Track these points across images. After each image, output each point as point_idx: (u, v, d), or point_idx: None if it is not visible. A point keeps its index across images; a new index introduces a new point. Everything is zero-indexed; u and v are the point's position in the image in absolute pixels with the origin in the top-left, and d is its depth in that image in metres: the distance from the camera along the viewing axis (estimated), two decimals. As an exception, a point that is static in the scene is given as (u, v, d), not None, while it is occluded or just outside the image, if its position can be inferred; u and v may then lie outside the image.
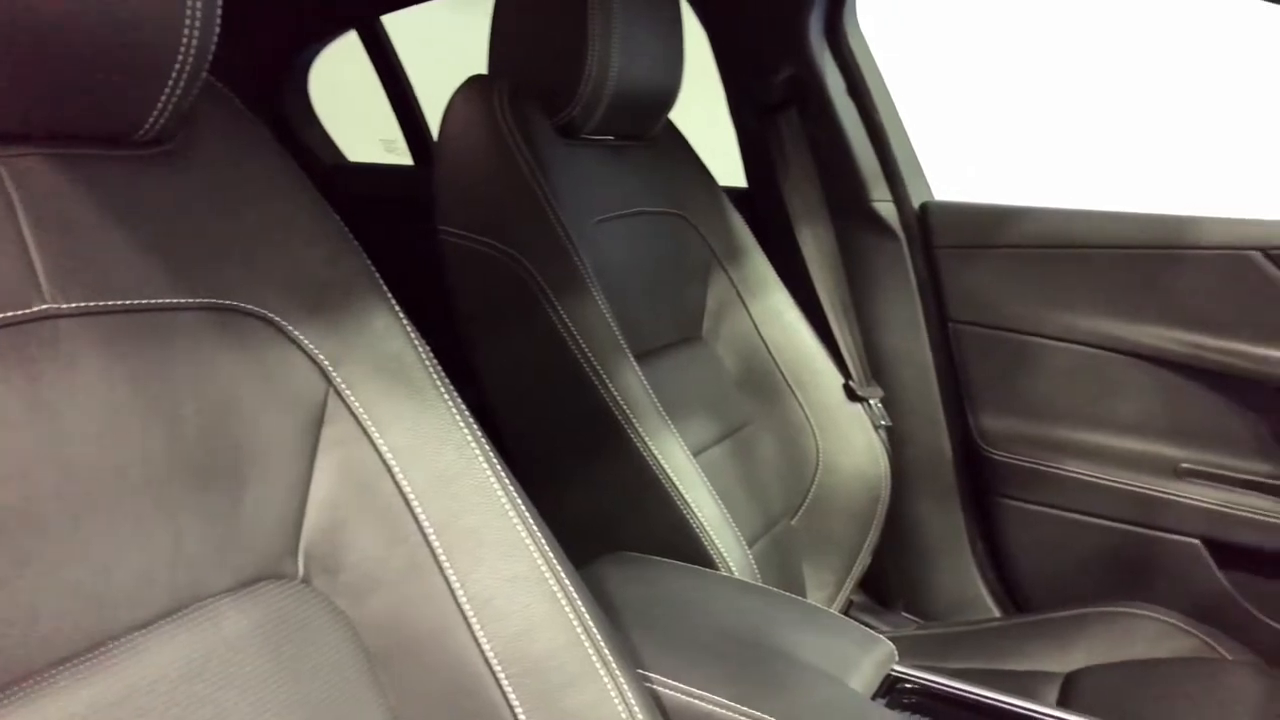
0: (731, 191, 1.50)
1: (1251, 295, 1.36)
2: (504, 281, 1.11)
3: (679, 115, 1.40)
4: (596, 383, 1.08)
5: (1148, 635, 1.33)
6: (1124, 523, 1.49)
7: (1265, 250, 1.34)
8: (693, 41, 1.36)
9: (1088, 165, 2.62)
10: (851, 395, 1.46)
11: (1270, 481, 1.40)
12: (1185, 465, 1.45)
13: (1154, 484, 1.46)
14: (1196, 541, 1.44)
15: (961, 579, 1.63)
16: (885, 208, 1.57)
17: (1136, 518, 1.47)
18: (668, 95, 1.32)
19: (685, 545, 1.07)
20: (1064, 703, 1.20)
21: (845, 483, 1.44)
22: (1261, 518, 1.39)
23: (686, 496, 1.07)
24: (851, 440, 1.44)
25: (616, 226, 1.27)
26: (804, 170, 1.56)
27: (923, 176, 1.61)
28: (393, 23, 2.09)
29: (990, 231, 1.53)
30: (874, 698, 0.91)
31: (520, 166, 1.12)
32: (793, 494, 1.42)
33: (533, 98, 1.19)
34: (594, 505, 1.11)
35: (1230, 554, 1.42)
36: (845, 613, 1.55)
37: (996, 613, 1.61)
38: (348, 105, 2.30)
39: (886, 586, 1.67)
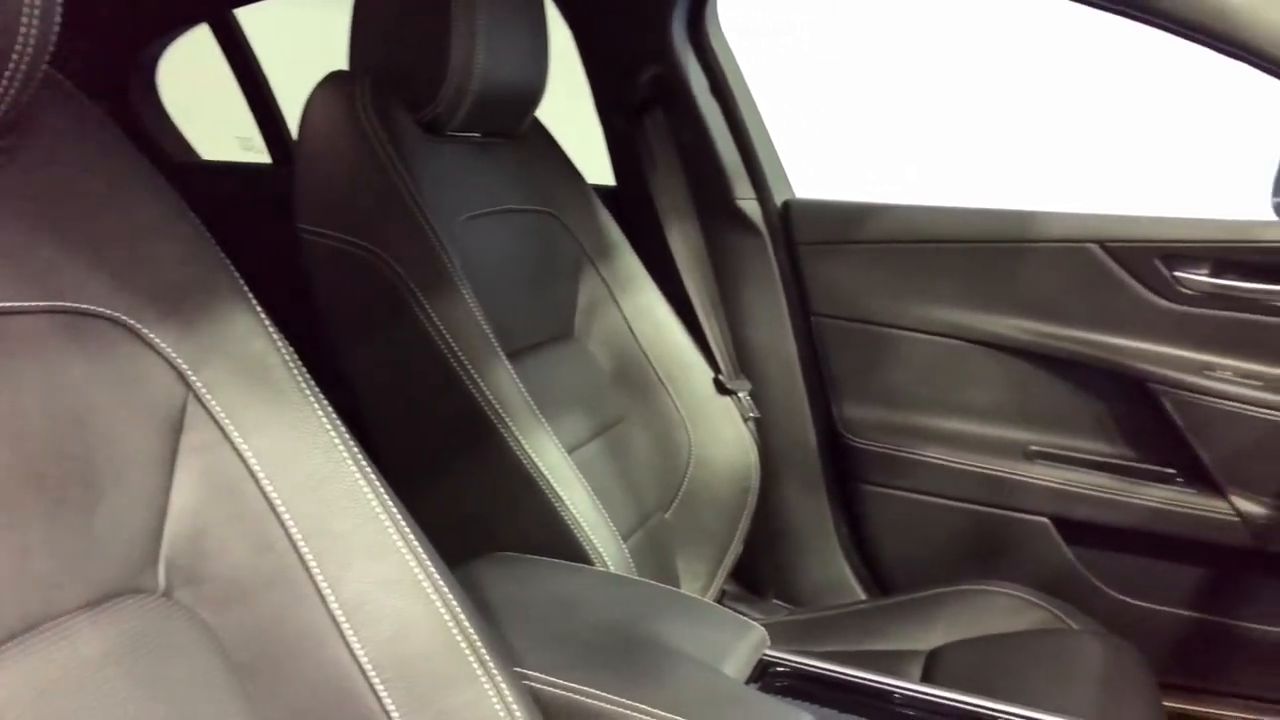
0: (600, 189, 1.51)
1: (1090, 286, 1.44)
2: (370, 281, 1.09)
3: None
4: (467, 382, 1.07)
5: (1002, 610, 1.39)
6: (978, 504, 1.56)
7: (1102, 243, 1.43)
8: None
9: (939, 164, 2.74)
10: (721, 389, 1.48)
11: (1112, 461, 1.49)
12: (1034, 447, 1.53)
13: (1005, 466, 1.53)
14: (1045, 520, 1.52)
15: (828, 564, 1.68)
16: (749, 205, 1.61)
17: (990, 499, 1.55)
18: (534, 92, 1.32)
19: (561, 542, 1.07)
20: (927, 678, 1.26)
21: (716, 475, 1.46)
22: (1104, 495, 1.48)
23: (561, 494, 1.07)
24: (722, 433, 1.47)
25: (485, 224, 1.27)
26: (671, 169, 1.58)
27: (784, 175, 1.66)
28: (248, 17, 2.02)
29: (849, 228, 1.58)
30: (748, 682, 0.93)
31: (384, 164, 1.10)
32: (666, 488, 1.44)
33: (396, 94, 1.17)
34: (468, 506, 1.11)
35: (1076, 530, 1.51)
36: (719, 602, 1.58)
37: (862, 595, 1.67)
38: (200, 102, 2.21)
39: (757, 575, 1.71)
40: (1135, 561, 1.50)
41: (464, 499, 1.10)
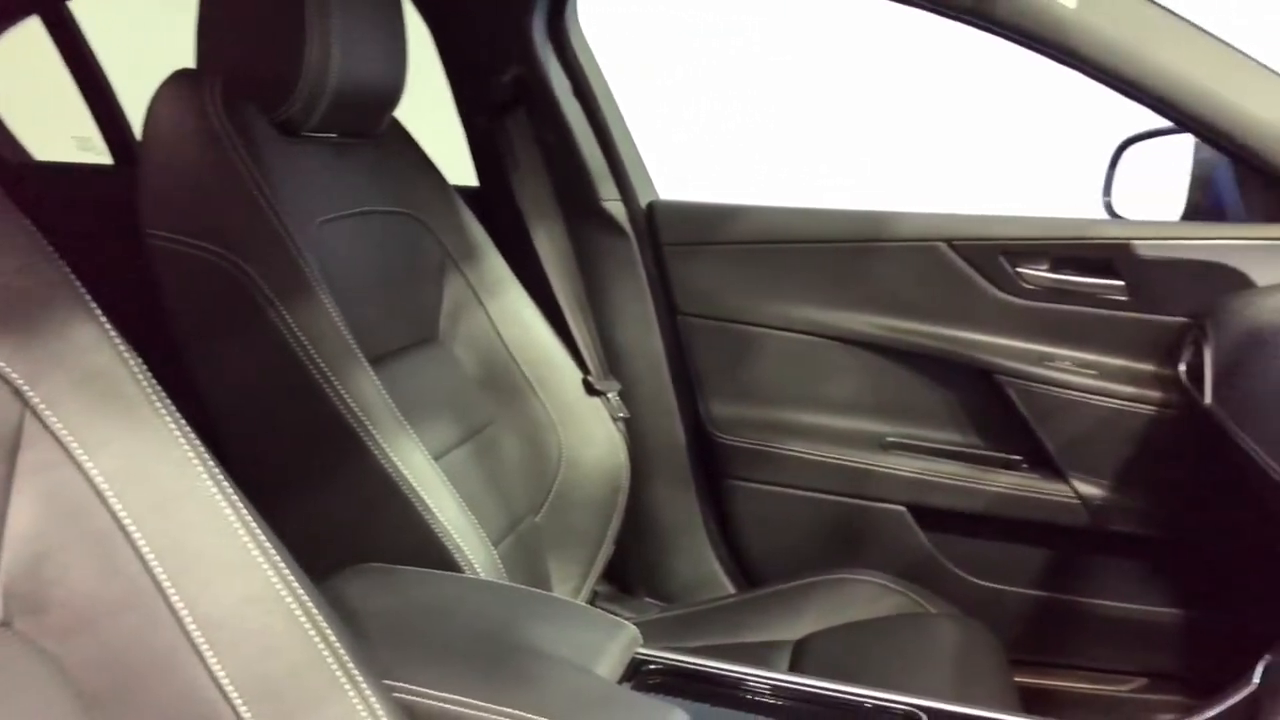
0: (463, 191, 1.49)
1: (940, 282, 1.50)
2: (222, 288, 1.05)
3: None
4: (328, 390, 1.04)
5: (864, 598, 1.44)
6: (839, 495, 1.61)
7: (950, 242, 1.49)
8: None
9: (797, 166, 2.82)
10: (590, 390, 1.49)
11: (963, 450, 1.56)
12: (890, 439, 1.59)
13: (863, 458, 1.59)
14: (902, 508, 1.58)
15: (698, 560, 1.71)
16: (614, 207, 1.62)
17: (850, 490, 1.60)
18: (391, 92, 1.29)
19: (429, 551, 1.05)
20: (795, 667, 1.29)
21: (587, 476, 1.47)
22: (956, 483, 1.54)
23: (428, 501, 1.06)
24: (592, 434, 1.48)
25: (343, 227, 1.24)
26: (534, 170, 1.58)
27: (648, 176, 1.67)
28: (84, 9, 1.92)
29: (713, 229, 1.61)
30: (620, 681, 0.94)
31: (236, 165, 1.06)
32: (536, 491, 1.44)
33: (247, 93, 1.13)
34: (332, 517, 1.08)
35: (931, 517, 1.58)
36: (591, 603, 1.59)
37: (731, 589, 1.70)
38: (32, 99, 2.09)
39: (628, 574, 1.73)
40: (986, 545, 1.57)
41: (327, 511, 1.08)
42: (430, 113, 1.54)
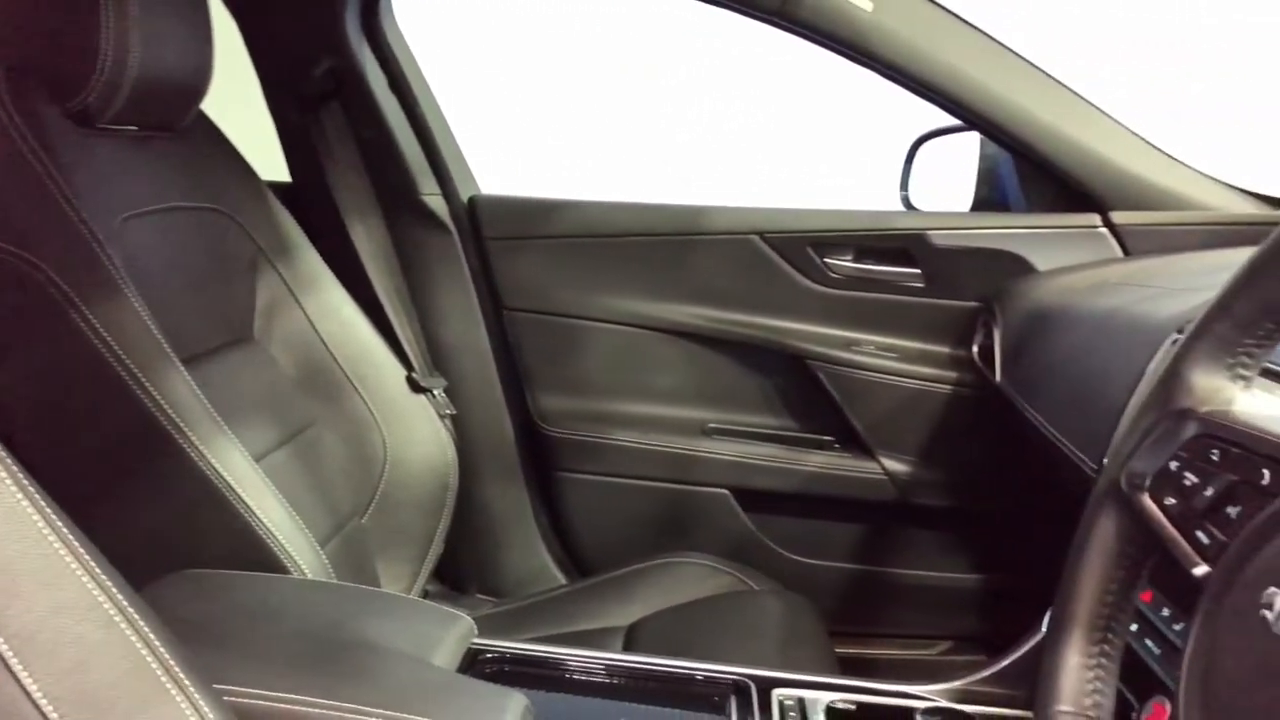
0: (275, 186, 1.44)
1: (754, 273, 1.57)
2: (18, 289, 0.98)
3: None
4: (139, 392, 0.99)
5: (692, 579, 1.49)
6: (665, 481, 1.65)
7: (762, 234, 1.56)
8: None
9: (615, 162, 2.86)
10: (415, 387, 1.47)
11: (780, 433, 1.63)
12: (712, 425, 1.64)
13: (687, 444, 1.63)
14: (725, 491, 1.64)
15: (529, 553, 1.72)
16: (435, 201, 1.61)
17: (675, 476, 1.64)
18: (196, 84, 1.24)
19: (254, 554, 1.02)
20: (628, 651, 1.32)
21: (414, 474, 1.45)
22: (774, 464, 1.61)
23: (250, 504, 1.03)
24: (418, 432, 1.46)
25: (148, 223, 1.18)
26: (351, 164, 1.55)
27: (469, 171, 1.67)
28: None
29: (535, 223, 1.62)
30: (458, 672, 0.94)
31: (27, 158, 1.00)
32: (362, 491, 1.41)
33: (37, 82, 1.06)
34: (150, 524, 1.03)
35: (752, 499, 1.64)
36: (423, 601, 1.57)
37: (563, 581, 1.72)
38: None
39: (460, 571, 1.72)
40: (804, 523, 1.65)
41: (144, 516, 1.02)
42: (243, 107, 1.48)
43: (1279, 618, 0.44)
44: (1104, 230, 1.44)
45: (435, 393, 1.51)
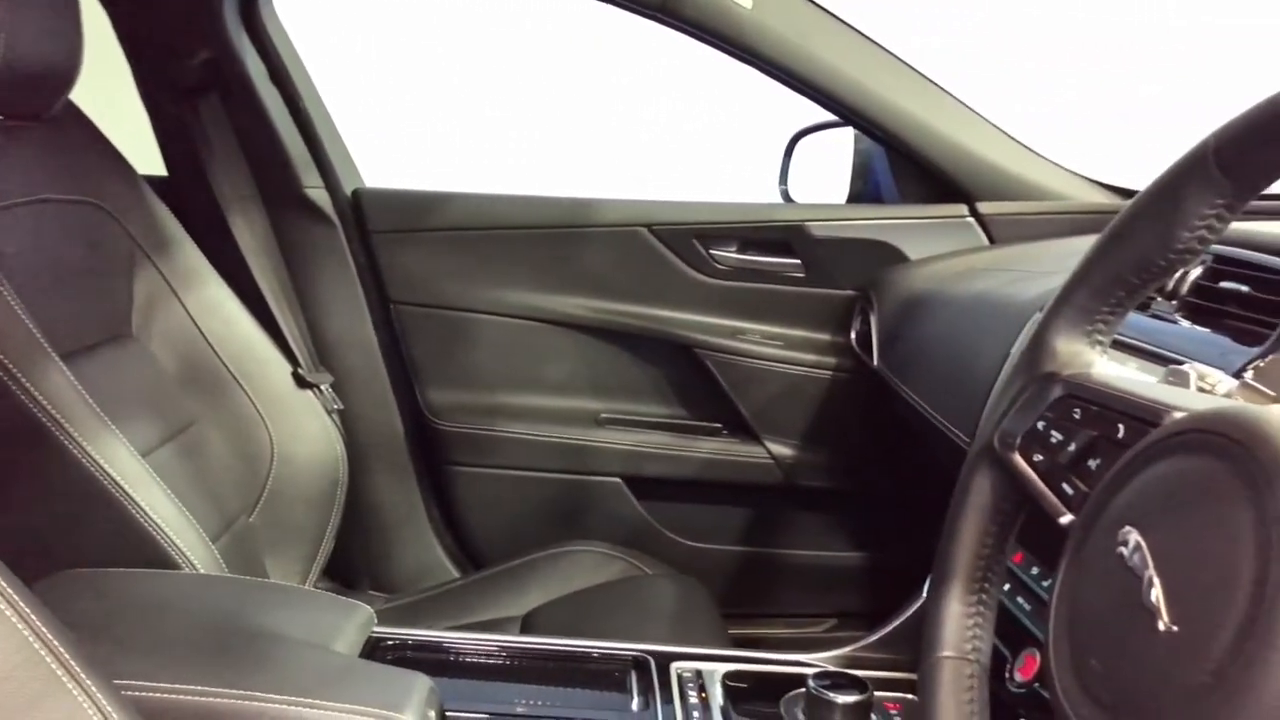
0: (151, 180, 1.40)
1: (642, 264, 1.59)
2: None
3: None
4: (16, 389, 0.96)
5: (587, 567, 1.51)
6: (559, 472, 1.67)
7: (649, 226, 1.58)
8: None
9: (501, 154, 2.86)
10: (301, 382, 1.45)
11: (671, 421, 1.66)
12: (604, 415, 1.66)
13: (580, 434, 1.65)
14: (618, 479, 1.66)
15: (422, 548, 1.71)
16: (318, 194, 1.58)
17: (568, 466, 1.66)
18: (65, 72, 1.20)
19: (144, 550, 1.00)
20: (525, 637, 1.33)
21: (303, 471, 1.43)
22: (665, 452, 1.64)
23: (138, 499, 1.00)
24: (305, 428, 1.44)
25: (17, 215, 1.13)
26: (231, 157, 1.52)
27: (352, 163, 1.65)
28: None
29: (422, 216, 1.61)
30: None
31: None
32: (249, 489, 1.38)
33: None
34: (34, 521, 0.99)
35: (644, 486, 1.67)
36: (314, 599, 1.55)
37: (456, 575, 1.72)
38: None
39: (351, 568, 1.69)
40: (695, 508, 1.68)
41: (27, 515, 0.99)
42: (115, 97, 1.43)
43: (1133, 552, 0.49)
44: (971, 220, 1.52)
45: (322, 388, 1.49)
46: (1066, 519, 0.59)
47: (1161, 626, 0.46)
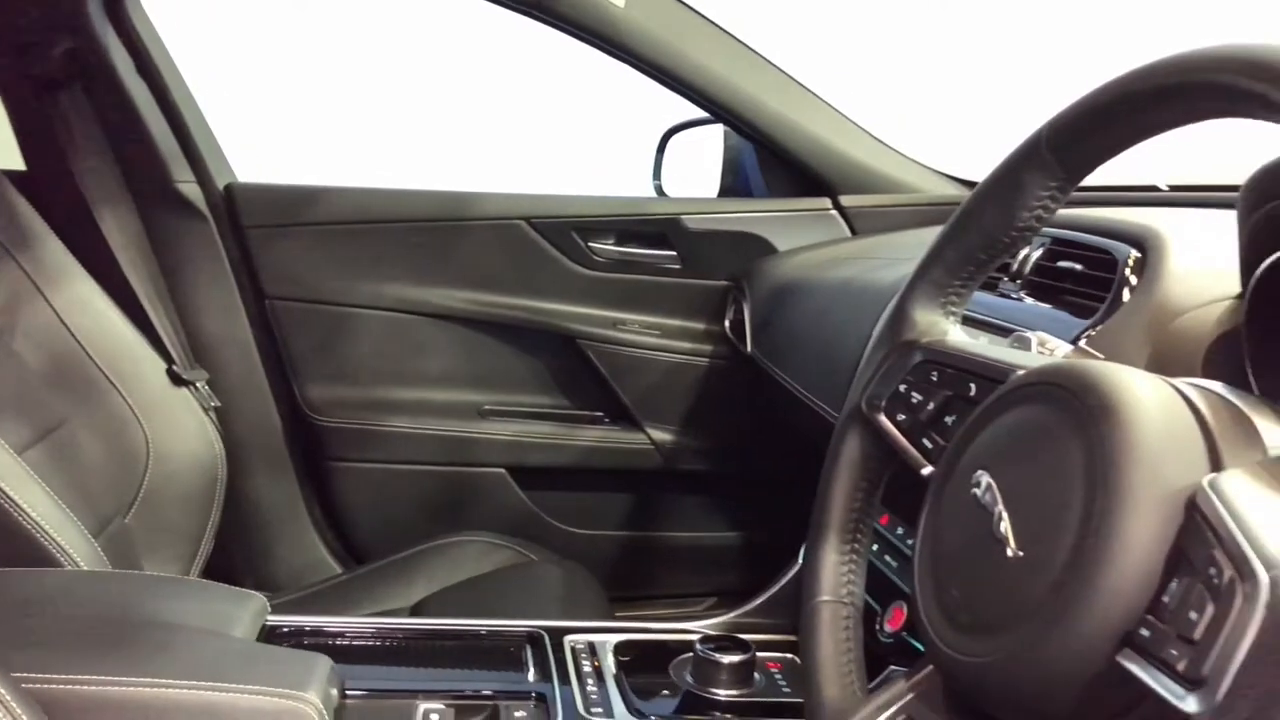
0: (10, 174, 1.36)
1: (522, 257, 1.62)
2: None
3: None
4: None
5: (473, 556, 1.53)
6: (442, 464, 1.68)
7: (528, 219, 1.61)
8: None
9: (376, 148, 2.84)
10: (176, 380, 1.43)
11: (553, 411, 1.69)
12: (487, 407, 1.68)
13: (463, 426, 1.67)
14: (502, 470, 1.69)
15: (303, 546, 1.69)
16: (190, 189, 1.56)
17: (452, 458, 1.67)
18: None
19: (22, 547, 0.97)
20: (414, 629, 1.34)
21: (180, 470, 1.41)
22: (549, 441, 1.68)
23: (14, 496, 0.98)
24: (181, 426, 1.42)
25: None
26: (97, 151, 1.48)
27: (224, 158, 1.62)
28: None
29: (297, 211, 1.60)
30: (255, 646, 0.94)
31: None
32: (124, 490, 1.35)
33: None
34: None
35: (528, 476, 1.70)
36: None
37: (340, 571, 1.71)
38: None
39: (232, 566, 1.66)
40: (579, 496, 1.72)
41: None
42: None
43: (985, 492, 0.55)
44: (834, 213, 1.60)
45: (198, 385, 1.47)
46: (927, 470, 0.65)
47: (1010, 554, 0.52)
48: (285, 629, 1.01)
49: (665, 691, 1.00)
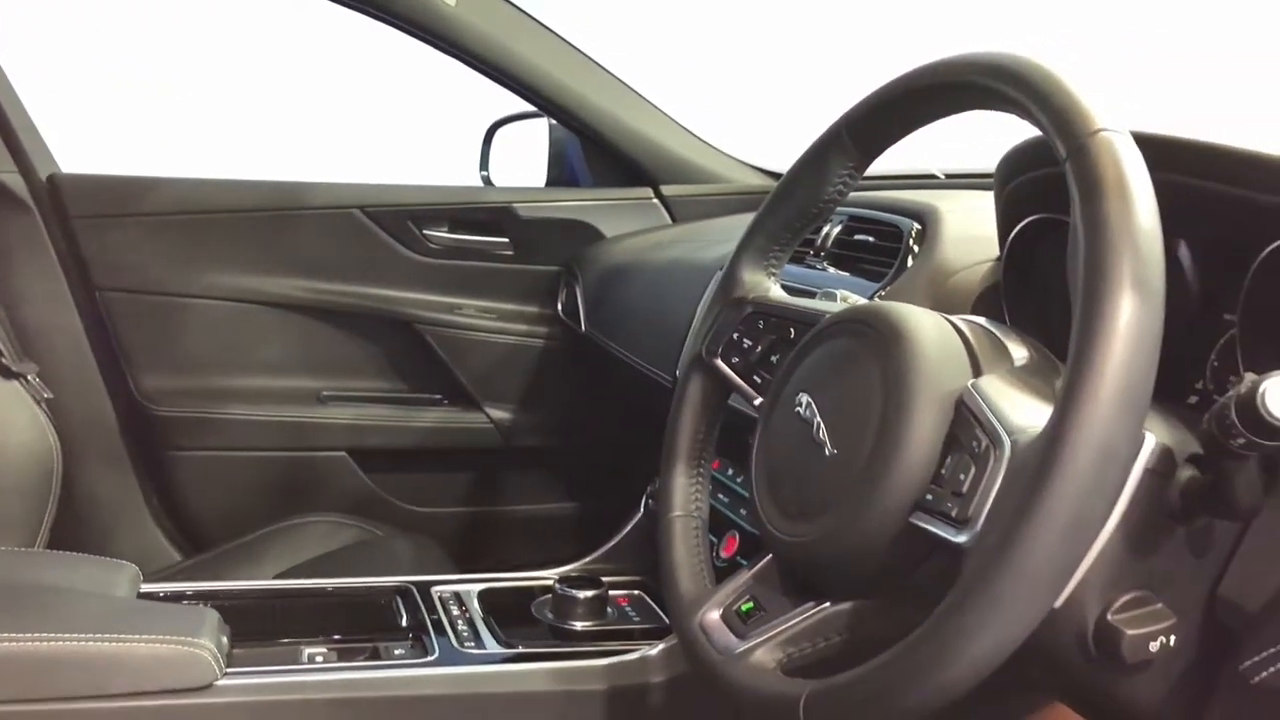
0: None
1: (357, 245, 1.67)
2: None
3: None
4: None
5: (319, 537, 1.57)
6: (284, 450, 1.71)
7: (363, 208, 1.67)
8: None
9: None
10: (5, 372, 1.41)
11: (393, 394, 1.75)
12: (326, 392, 1.72)
13: (303, 412, 1.70)
14: (343, 453, 1.73)
15: (143, 535, 1.69)
16: (11, 179, 1.53)
17: (293, 443, 1.71)
18: None
19: None
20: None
21: (13, 463, 1.39)
22: (389, 424, 1.73)
23: None
24: (12, 418, 1.40)
25: None
26: None
27: (46, 148, 1.60)
28: None
29: (126, 201, 1.60)
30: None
31: None
32: None
33: None
34: None
35: (370, 458, 1.75)
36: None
37: (180, 559, 1.71)
38: None
39: (68, 562, 1.64)
40: (422, 476, 1.78)
41: None
42: None
43: (806, 409, 0.68)
44: (656, 201, 1.74)
45: (29, 378, 1.45)
46: (758, 401, 0.78)
47: (828, 453, 0.65)
48: (162, 595, 1.04)
49: (529, 626, 1.10)
